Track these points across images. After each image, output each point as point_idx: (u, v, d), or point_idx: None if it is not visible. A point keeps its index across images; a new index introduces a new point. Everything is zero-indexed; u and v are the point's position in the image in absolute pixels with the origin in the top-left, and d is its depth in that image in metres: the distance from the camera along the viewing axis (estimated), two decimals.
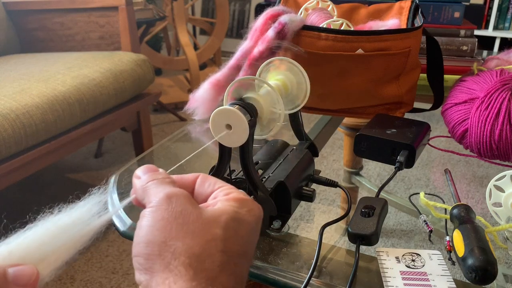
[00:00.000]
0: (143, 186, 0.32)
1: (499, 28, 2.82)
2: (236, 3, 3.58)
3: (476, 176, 0.70)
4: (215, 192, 0.33)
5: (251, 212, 0.32)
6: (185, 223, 0.29)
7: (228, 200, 0.31)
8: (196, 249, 0.28)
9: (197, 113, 0.64)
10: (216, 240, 0.29)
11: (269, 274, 0.43)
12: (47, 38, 1.76)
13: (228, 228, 0.30)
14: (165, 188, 0.31)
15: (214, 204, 0.31)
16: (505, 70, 0.63)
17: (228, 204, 0.31)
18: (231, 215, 0.30)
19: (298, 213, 0.51)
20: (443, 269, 0.41)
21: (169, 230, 0.28)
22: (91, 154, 2.05)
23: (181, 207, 0.29)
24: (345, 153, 1.10)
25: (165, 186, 0.32)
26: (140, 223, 0.29)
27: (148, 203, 0.31)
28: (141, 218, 0.30)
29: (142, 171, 0.34)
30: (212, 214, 0.30)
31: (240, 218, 0.31)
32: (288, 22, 0.61)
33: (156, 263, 0.27)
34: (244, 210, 0.31)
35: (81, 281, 1.30)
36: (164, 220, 0.29)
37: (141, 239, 0.28)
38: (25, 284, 0.28)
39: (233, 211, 0.31)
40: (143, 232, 0.29)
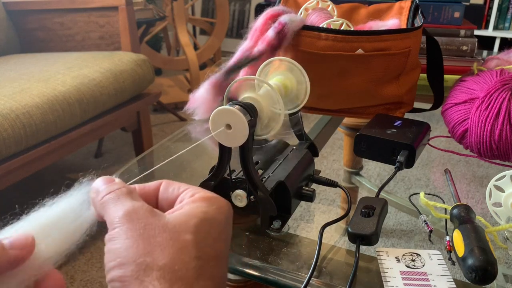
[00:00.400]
0: (100, 202, 0.31)
1: (499, 28, 2.83)
2: (236, 3, 3.58)
3: (476, 176, 0.70)
4: (181, 195, 0.32)
5: (220, 209, 0.31)
6: (151, 237, 0.28)
7: (194, 201, 0.31)
8: (167, 261, 0.27)
9: (197, 113, 0.64)
10: (187, 247, 0.28)
11: (269, 274, 0.43)
12: (47, 38, 1.76)
13: (199, 231, 0.29)
14: (123, 204, 0.30)
15: (181, 208, 0.30)
16: (505, 70, 0.63)
17: (195, 205, 0.30)
18: (199, 217, 0.29)
19: (298, 213, 0.51)
20: (443, 269, 0.41)
21: (136, 248, 0.27)
22: (91, 154, 2.05)
23: (143, 222, 0.28)
24: (345, 153, 1.10)
25: (122, 201, 0.30)
26: (108, 247, 0.28)
27: (109, 224, 0.30)
28: (107, 242, 0.29)
29: (98, 184, 0.33)
30: (180, 220, 0.29)
31: (209, 218, 0.30)
32: (288, 22, 0.61)
33: (131, 284, 0.27)
34: (213, 208, 0.30)
35: (81, 281, 1.30)
36: (129, 239, 0.28)
37: (112, 264, 0.28)
38: (23, 247, 0.28)
39: (201, 211, 0.30)
40: (112, 257, 0.28)
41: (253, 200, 0.46)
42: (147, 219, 0.29)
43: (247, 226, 0.49)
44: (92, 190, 0.33)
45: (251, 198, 0.46)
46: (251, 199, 0.46)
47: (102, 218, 0.31)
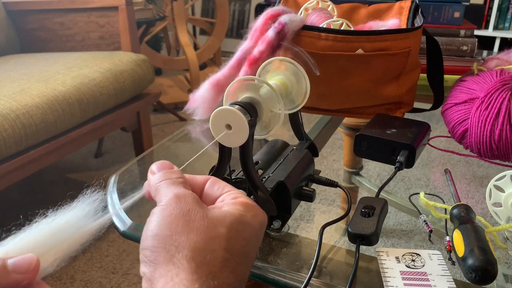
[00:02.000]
0: (156, 185, 0.34)
1: (499, 28, 2.83)
2: (236, 3, 3.58)
3: (476, 176, 0.70)
4: (223, 195, 0.35)
5: (256, 217, 0.33)
6: (191, 220, 0.30)
7: (235, 204, 0.33)
8: (199, 244, 0.29)
9: (197, 113, 0.64)
10: (219, 238, 0.30)
11: (269, 274, 0.43)
12: (47, 38, 1.76)
13: (232, 228, 0.31)
14: (176, 189, 0.33)
15: (221, 206, 0.33)
16: (505, 70, 0.63)
17: (234, 207, 0.32)
18: (236, 217, 0.31)
19: (298, 213, 0.51)
20: (443, 269, 0.41)
21: (176, 225, 0.29)
22: (91, 154, 2.05)
23: (189, 206, 0.31)
24: (345, 153, 1.10)
25: (176, 186, 0.33)
26: (149, 219, 0.31)
27: (158, 202, 0.32)
28: (151, 215, 0.31)
29: (157, 168, 0.36)
30: (218, 215, 0.31)
31: (244, 221, 0.32)
32: (288, 22, 0.61)
33: (160, 255, 0.28)
34: (250, 214, 0.32)
35: (81, 281, 1.30)
36: (172, 216, 0.30)
37: (149, 233, 0.30)
38: (26, 272, 0.28)
39: (239, 214, 0.32)
40: (151, 227, 0.30)
41: (253, 200, 0.46)
42: (193, 205, 0.31)
43: None
44: (149, 171, 0.36)
45: (251, 198, 0.46)
46: (251, 199, 0.46)
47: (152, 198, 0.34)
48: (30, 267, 0.29)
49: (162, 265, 0.28)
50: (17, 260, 0.28)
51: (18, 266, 0.28)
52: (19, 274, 0.28)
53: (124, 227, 0.50)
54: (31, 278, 0.29)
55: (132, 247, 1.43)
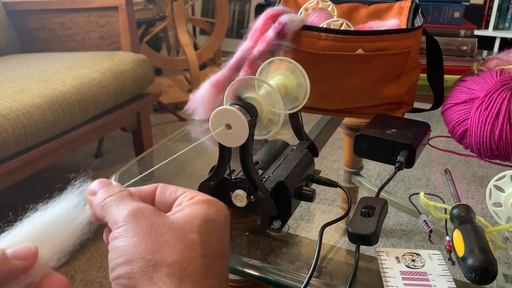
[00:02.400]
0: (101, 204, 0.31)
1: (499, 28, 2.83)
2: (236, 3, 3.58)
3: (476, 176, 0.70)
4: (179, 198, 0.32)
5: (220, 211, 0.31)
6: (159, 235, 0.28)
7: (194, 203, 0.31)
8: (176, 257, 0.27)
9: (197, 113, 0.64)
10: (194, 245, 0.28)
11: (269, 274, 0.43)
12: (47, 38, 1.76)
13: (203, 231, 0.29)
14: (127, 205, 0.30)
15: (181, 210, 0.31)
16: (505, 70, 0.63)
17: (196, 207, 0.31)
18: (202, 218, 0.30)
19: (298, 213, 0.51)
20: (443, 269, 0.41)
21: (145, 245, 0.28)
22: (91, 154, 2.05)
23: (149, 221, 0.29)
24: (345, 153, 1.10)
25: (125, 202, 0.31)
26: (113, 245, 0.28)
27: (113, 224, 0.30)
28: (111, 240, 0.29)
29: (97, 186, 0.33)
30: (184, 221, 0.30)
31: (211, 219, 0.30)
32: (288, 22, 0.61)
33: (138, 280, 0.27)
34: (213, 210, 0.31)
35: (81, 281, 1.30)
36: (137, 237, 0.28)
37: (118, 261, 0.28)
38: (26, 257, 0.28)
39: (203, 213, 0.30)
40: (118, 254, 0.28)
41: (253, 200, 0.46)
42: (153, 218, 0.29)
43: (247, 226, 0.49)
44: (89, 192, 0.33)
45: (251, 198, 0.46)
46: (251, 199, 0.46)
47: (101, 220, 0.31)
48: (29, 253, 0.29)
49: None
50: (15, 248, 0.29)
51: (17, 253, 0.28)
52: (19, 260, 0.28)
53: None
54: (31, 264, 0.29)
55: None
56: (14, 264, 0.28)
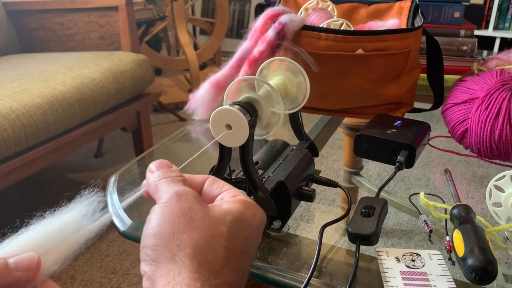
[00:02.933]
0: (156, 183, 0.34)
1: (499, 28, 2.83)
2: (236, 3, 3.58)
3: (476, 176, 0.70)
4: (222, 193, 0.34)
5: (255, 215, 0.33)
6: (193, 219, 0.30)
7: (234, 202, 0.33)
8: (201, 243, 0.29)
9: (197, 113, 0.64)
10: (220, 236, 0.30)
11: (269, 274, 0.43)
12: (47, 38, 1.76)
13: (233, 227, 0.31)
14: (176, 186, 0.33)
15: (221, 204, 0.33)
16: (505, 70, 0.63)
17: (234, 205, 0.32)
18: (236, 215, 0.31)
19: (298, 213, 0.51)
20: (443, 269, 0.41)
21: (177, 224, 0.29)
22: (91, 154, 2.05)
23: (189, 204, 0.31)
24: (345, 153, 1.10)
25: (175, 184, 0.33)
26: (150, 217, 0.31)
27: (158, 199, 0.32)
28: (151, 213, 0.31)
29: (156, 166, 0.36)
30: (219, 213, 0.31)
31: (244, 219, 0.32)
32: (288, 22, 0.61)
33: (162, 254, 0.28)
34: (249, 212, 0.33)
35: (81, 281, 1.30)
36: (173, 214, 0.30)
37: (150, 231, 0.30)
38: (27, 269, 0.29)
39: (238, 212, 0.32)
40: (152, 225, 0.30)
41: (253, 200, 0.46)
42: (193, 203, 0.31)
43: None
44: (148, 169, 0.35)
45: (251, 198, 0.46)
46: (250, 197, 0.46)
47: (152, 196, 0.34)
48: (31, 265, 0.29)
49: (163, 264, 0.28)
50: (18, 258, 0.29)
51: (19, 264, 0.28)
52: (21, 272, 0.28)
53: (124, 227, 0.50)
54: (33, 275, 0.29)
55: (132, 247, 1.43)
56: (15, 276, 0.28)
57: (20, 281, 0.28)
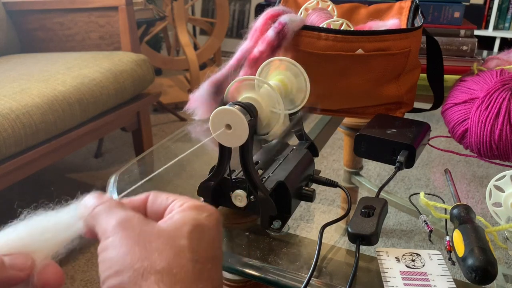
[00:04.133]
0: (92, 214, 0.31)
1: (499, 28, 2.83)
2: (236, 3, 3.58)
3: (476, 176, 0.70)
4: (170, 206, 0.32)
5: (210, 216, 0.31)
6: (147, 243, 0.28)
7: (184, 210, 0.31)
8: (164, 264, 0.27)
9: (197, 113, 0.64)
10: (184, 251, 0.28)
11: (269, 274, 0.43)
12: (47, 38, 1.76)
13: (192, 237, 0.29)
14: (116, 214, 0.30)
15: (171, 217, 0.31)
16: (505, 70, 0.63)
17: (185, 214, 0.30)
18: (192, 224, 0.30)
19: (298, 213, 0.51)
20: (443, 269, 0.41)
21: (133, 254, 0.27)
22: (91, 154, 2.05)
23: (138, 230, 0.29)
24: (345, 153, 1.10)
25: (114, 211, 0.30)
26: (102, 257, 0.28)
27: (102, 234, 0.29)
28: (101, 252, 0.29)
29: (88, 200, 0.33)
30: (173, 227, 0.29)
31: (201, 225, 0.30)
32: (288, 22, 0.61)
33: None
34: (203, 216, 0.31)
35: (81, 281, 1.30)
36: (125, 246, 0.28)
37: (108, 273, 0.27)
38: (22, 269, 0.29)
39: (192, 219, 0.30)
40: (108, 265, 0.28)
41: (253, 200, 0.46)
42: (141, 226, 0.29)
43: (247, 226, 0.49)
44: (81, 206, 0.32)
45: (251, 198, 0.46)
46: (251, 199, 0.46)
47: (92, 232, 0.31)
48: (25, 265, 0.29)
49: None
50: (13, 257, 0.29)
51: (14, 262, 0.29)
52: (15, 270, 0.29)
53: None
54: (25, 276, 0.29)
55: None
56: (10, 274, 0.28)
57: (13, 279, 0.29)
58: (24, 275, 0.29)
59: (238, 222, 0.49)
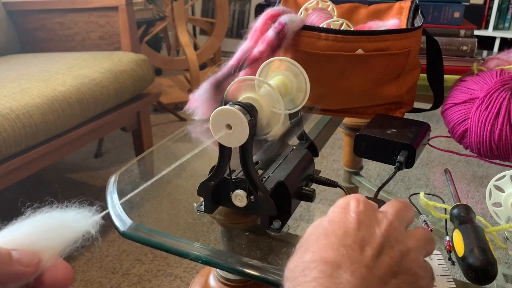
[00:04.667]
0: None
1: (499, 28, 2.83)
2: (236, 3, 3.58)
3: (476, 176, 0.70)
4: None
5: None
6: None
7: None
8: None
9: (197, 113, 0.64)
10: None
11: (269, 274, 0.43)
12: (47, 38, 1.76)
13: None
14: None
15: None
16: (505, 70, 0.63)
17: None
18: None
19: (298, 213, 0.51)
20: (443, 269, 0.41)
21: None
22: (91, 154, 2.05)
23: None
24: (345, 153, 1.10)
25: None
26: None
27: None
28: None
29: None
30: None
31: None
32: (288, 22, 0.61)
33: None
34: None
35: (81, 281, 1.30)
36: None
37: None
38: (28, 265, 0.30)
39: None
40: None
41: (253, 200, 0.46)
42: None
43: (247, 226, 0.49)
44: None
45: (251, 198, 0.46)
46: (251, 199, 0.46)
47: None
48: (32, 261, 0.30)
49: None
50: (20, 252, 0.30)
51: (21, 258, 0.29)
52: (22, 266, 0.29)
53: (124, 227, 0.50)
54: (31, 272, 0.30)
55: (132, 247, 1.43)
56: (16, 268, 0.29)
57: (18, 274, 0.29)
58: (30, 271, 0.29)
59: (238, 222, 0.49)
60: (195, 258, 0.46)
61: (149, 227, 0.50)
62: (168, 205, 0.58)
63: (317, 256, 0.30)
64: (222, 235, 0.51)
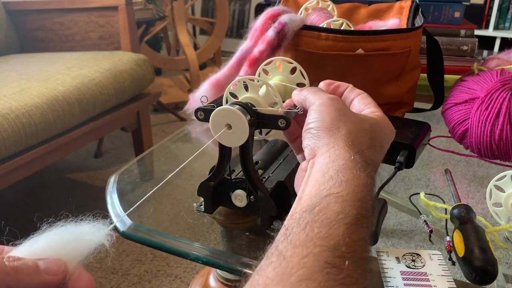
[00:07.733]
0: (304, 96, 0.42)
1: (499, 28, 2.82)
2: (236, 3, 3.58)
3: (476, 176, 0.70)
4: (365, 110, 0.43)
5: (389, 127, 0.42)
6: (345, 115, 0.39)
7: (372, 113, 0.42)
8: (352, 130, 0.37)
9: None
10: (365, 130, 0.38)
11: None
12: (47, 38, 1.76)
13: (373, 128, 0.39)
14: (324, 94, 0.41)
15: (360, 111, 0.42)
16: (505, 70, 0.63)
17: (374, 115, 0.41)
18: (376, 120, 0.40)
19: None
20: (443, 269, 0.41)
21: (334, 116, 0.38)
22: (91, 154, 2.05)
23: (340, 105, 0.39)
24: None
25: (323, 92, 0.42)
26: (313, 109, 0.39)
27: (312, 104, 0.40)
28: (311, 110, 0.39)
29: (299, 89, 0.44)
30: (363, 116, 0.40)
31: (380, 126, 0.40)
32: (288, 22, 0.61)
33: (323, 132, 0.37)
34: (384, 124, 0.41)
35: None
36: (330, 109, 0.39)
37: (314, 117, 0.38)
38: (55, 274, 0.30)
39: (376, 120, 0.41)
40: (314, 115, 0.39)
41: (253, 200, 0.46)
42: (343, 105, 0.40)
43: (247, 226, 0.49)
44: (293, 94, 0.44)
45: (251, 198, 0.46)
46: (251, 199, 0.46)
47: (303, 104, 0.42)
48: (59, 270, 0.30)
49: (324, 138, 0.37)
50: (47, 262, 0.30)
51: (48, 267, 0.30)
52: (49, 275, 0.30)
53: (124, 227, 0.50)
54: (59, 280, 0.30)
55: (132, 247, 1.43)
56: (44, 278, 0.29)
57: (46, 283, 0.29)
58: (58, 280, 0.30)
59: (238, 222, 0.49)
60: (195, 258, 0.46)
61: (149, 227, 0.50)
62: (168, 205, 0.58)
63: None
64: (222, 235, 0.51)
